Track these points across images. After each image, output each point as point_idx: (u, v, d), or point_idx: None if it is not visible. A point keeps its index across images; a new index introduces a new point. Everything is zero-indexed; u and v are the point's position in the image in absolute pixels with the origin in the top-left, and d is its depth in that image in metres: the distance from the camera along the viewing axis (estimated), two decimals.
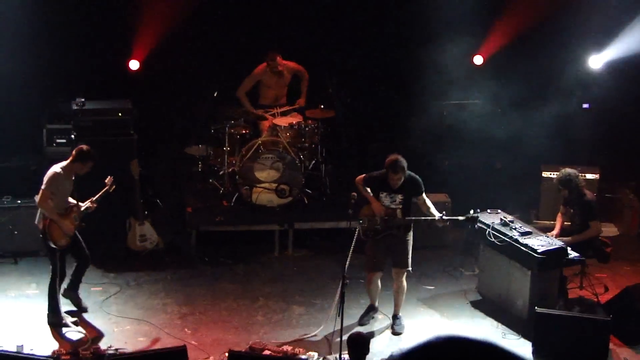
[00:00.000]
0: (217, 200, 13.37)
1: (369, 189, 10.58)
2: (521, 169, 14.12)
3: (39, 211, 10.53)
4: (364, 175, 10.69)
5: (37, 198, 10.48)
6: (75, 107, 12.81)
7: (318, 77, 13.99)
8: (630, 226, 13.90)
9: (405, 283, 10.79)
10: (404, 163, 10.28)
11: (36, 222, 10.57)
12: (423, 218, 10.62)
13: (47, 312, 10.62)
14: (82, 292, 11.27)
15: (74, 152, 10.58)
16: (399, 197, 10.49)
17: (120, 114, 13.00)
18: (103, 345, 9.81)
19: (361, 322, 10.89)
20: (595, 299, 11.35)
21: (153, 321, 10.78)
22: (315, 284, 11.92)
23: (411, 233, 10.66)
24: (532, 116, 14.04)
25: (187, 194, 13.77)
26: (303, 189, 13.22)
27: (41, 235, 10.51)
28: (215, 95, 13.39)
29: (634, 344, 10.36)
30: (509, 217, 11.27)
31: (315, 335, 10.47)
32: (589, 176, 13.27)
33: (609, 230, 13.47)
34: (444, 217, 10.59)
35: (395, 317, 10.87)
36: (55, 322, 10.59)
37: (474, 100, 14.55)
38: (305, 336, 10.48)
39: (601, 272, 12.14)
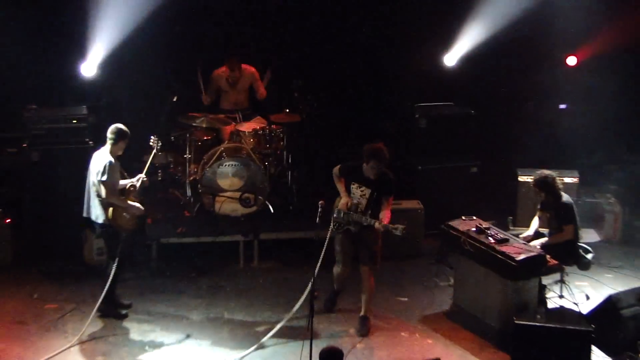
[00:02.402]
0: (179, 210, 13.31)
1: (343, 180, 10.76)
2: (497, 173, 14.22)
3: (97, 209, 10.54)
4: (340, 164, 10.85)
5: (102, 193, 10.38)
6: (27, 114, 12.69)
7: (283, 80, 14.01)
8: (612, 232, 13.90)
9: (372, 283, 10.86)
10: (387, 155, 10.34)
11: (100, 220, 10.54)
12: (364, 218, 10.49)
13: (100, 301, 10.72)
14: (36, 310, 11.19)
15: (111, 134, 10.54)
16: (367, 192, 10.51)
17: (75, 121, 12.87)
18: None
19: (326, 308, 11.25)
20: (577, 309, 11.20)
21: (112, 339, 10.57)
22: (283, 297, 11.74)
23: (375, 231, 10.59)
24: (508, 118, 14.42)
25: (146, 205, 13.44)
26: (268, 197, 13.11)
27: (102, 229, 10.63)
28: (174, 100, 13.25)
29: (617, 355, 10.20)
30: (485, 224, 11.19)
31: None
32: (568, 180, 13.35)
33: (590, 236, 13.51)
34: (382, 225, 10.32)
35: (362, 318, 10.91)
36: (107, 310, 10.92)
37: (446, 103, 14.56)
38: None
39: (582, 280, 12.10)
